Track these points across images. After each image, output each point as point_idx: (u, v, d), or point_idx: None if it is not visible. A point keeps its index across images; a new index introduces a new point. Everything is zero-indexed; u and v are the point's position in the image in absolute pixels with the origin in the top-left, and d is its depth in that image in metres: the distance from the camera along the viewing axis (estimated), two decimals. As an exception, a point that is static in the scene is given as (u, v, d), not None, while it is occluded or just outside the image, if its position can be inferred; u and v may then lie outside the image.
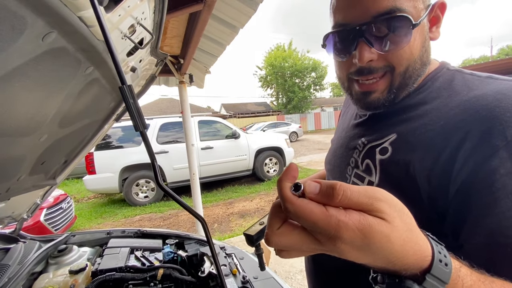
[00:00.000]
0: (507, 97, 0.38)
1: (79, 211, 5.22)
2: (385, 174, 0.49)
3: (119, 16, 0.60)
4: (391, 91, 0.49)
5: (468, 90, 0.44)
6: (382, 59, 0.47)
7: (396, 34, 0.44)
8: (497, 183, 0.35)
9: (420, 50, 0.47)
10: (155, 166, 0.37)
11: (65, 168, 1.29)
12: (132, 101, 0.33)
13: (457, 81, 0.47)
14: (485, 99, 0.40)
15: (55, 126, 0.93)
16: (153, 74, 1.24)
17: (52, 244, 1.23)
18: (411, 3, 0.44)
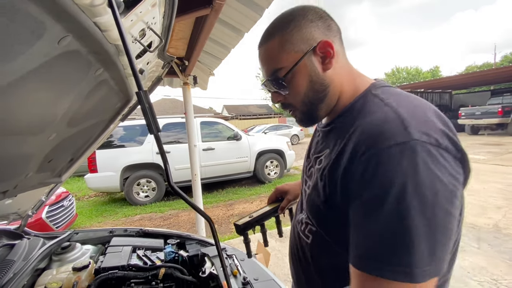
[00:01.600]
0: (374, 127, 0.48)
1: (80, 209, 5.24)
2: (317, 178, 0.60)
3: (131, 21, 0.62)
4: (306, 114, 0.64)
5: (368, 116, 0.53)
6: (286, 100, 0.63)
7: (282, 83, 0.60)
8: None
9: (307, 86, 0.59)
10: (167, 168, 0.38)
11: (71, 166, 1.31)
12: (148, 105, 0.35)
13: (368, 105, 0.56)
14: (366, 127, 0.50)
15: (64, 125, 0.95)
16: (159, 76, 1.26)
17: (56, 241, 1.25)
18: (285, 59, 0.58)
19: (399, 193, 0.41)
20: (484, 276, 2.30)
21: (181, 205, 5.12)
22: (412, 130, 0.44)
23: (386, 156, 0.43)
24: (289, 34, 0.57)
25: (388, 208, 0.42)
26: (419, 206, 0.41)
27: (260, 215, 0.91)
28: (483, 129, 13.64)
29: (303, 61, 0.57)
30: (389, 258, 0.42)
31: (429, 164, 0.42)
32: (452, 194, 0.43)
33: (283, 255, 2.82)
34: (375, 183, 0.44)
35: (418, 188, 0.41)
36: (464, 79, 15.52)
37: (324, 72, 0.58)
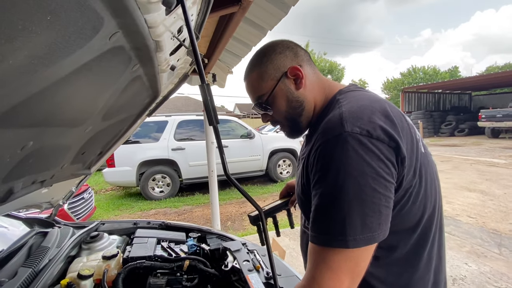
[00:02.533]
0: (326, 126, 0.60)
1: (97, 202, 5.40)
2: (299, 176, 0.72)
3: (174, 18, 0.64)
4: (292, 127, 0.77)
5: (328, 115, 0.64)
6: (273, 118, 0.77)
7: (266, 106, 0.73)
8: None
9: (286, 105, 0.72)
10: (224, 158, 0.40)
11: (100, 159, 1.36)
12: (209, 98, 0.37)
13: (330, 109, 0.67)
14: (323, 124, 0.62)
15: (99, 119, 0.99)
16: (186, 73, 1.29)
17: (85, 230, 1.30)
18: (263, 87, 0.71)
19: (334, 175, 0.52)
20: (505, 282, 2.23)
21: (194, 201, 5.20)
22: (346, 124, 0.55)
23: (325, 147, 0.56)
24: (264, 67, 0.71)
25: (325, 189, 0.54)
26: (350, 186, 0.51)
27: (272, 207, 0.99)
28: (504, 132, 13.10)
29: (278, 86, 0.70)
30: (328, 230, 0.53)
31: (359, 151, 0.52)
32: (379, 175, 0.52)
33: (298, 253, 2.82)
34: (318, 169, 0.56)
35: (348, 170, 0.51)
36: (484, 80, 14.94)
37: (297, 91, 0.71)
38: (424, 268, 0.64)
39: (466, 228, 3.33)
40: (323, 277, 0.51)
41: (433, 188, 0.64)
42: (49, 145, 0.82)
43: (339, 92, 0.71)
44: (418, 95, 17.69)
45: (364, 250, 0.51)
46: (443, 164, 7.39)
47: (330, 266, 0.52)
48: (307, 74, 0.71)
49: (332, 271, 0.51)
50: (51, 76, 0.49)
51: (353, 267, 0.51)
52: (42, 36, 0.37)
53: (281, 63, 0.70)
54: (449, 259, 2.62)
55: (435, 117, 16.26)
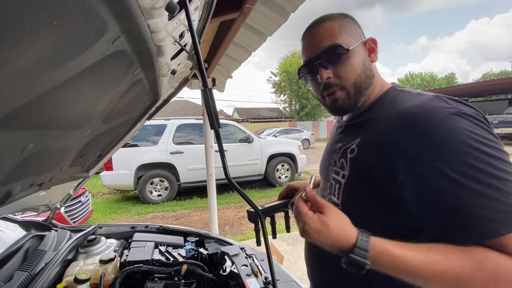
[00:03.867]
0: (416, 108, 0.55)
1: (94, 205, 5.36)
2: (352, 167, 0.66)
3: (176, 23, 0.65)
4: (350, 98, 0.67)
5: (402, 104, 0.60)
6: (336, 78, 0.66)
7: (339, 58, 0.64)
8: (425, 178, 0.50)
9: (361, 68, 0.66)
10: (225, 162, 0.40)
11: (98, 162, 1.35)
12: (211, 102, 0.37)
13: (398, 97, 0.63)
14: (408, 111, 0.56)
15: (99, 122, 0.99)
16: (187, 77, 1.30)
17: (82, 234, 1.29)
18: (344, 39, 0.64)
19: (492, 150, 0.47)
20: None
21: (192, 205, 5.17)
22: (457, 106, 0.52)
23: (454, 123, 0.49)
24: (347, 22, 0.67)
25: (500, 165, 0.46)
26: (501, 161, 0.47)
27: (271, 206, 0.93)
28: (501, 139, 13.21)
29: (358, 46, 0.65)
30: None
31: (481, 128, 0.49)
32: (502, 145, 0.50)
33: (296, 259, 2.80)
34: (455, 151, 0.47)
35: (495, 144, 0.48)
36: (481, 87, 15.13)
37: (371, 63, 0.68)
38: None
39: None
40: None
41: None
42: (49, 148, 0.83)
43: (395, 85, 0.69)
44: (416, 101, 17.79)
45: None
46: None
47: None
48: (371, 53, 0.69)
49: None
50: (54, 80, 0.49)
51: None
52: (48, 41, 0.37)
53: (360, 31, 0.69)
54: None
55: (432, 123, 16.36)
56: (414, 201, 0.52)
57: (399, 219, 0.56)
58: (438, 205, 0.49)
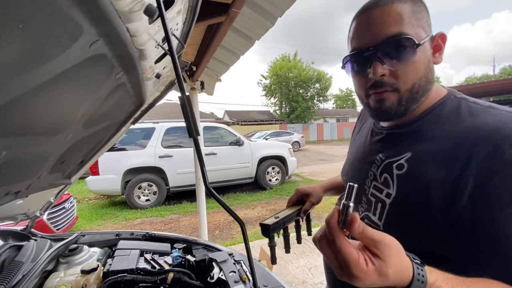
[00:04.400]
0: (506, 125, 0.46)
1: (80, 211, 5.21)
2: (402, 187, 0.56)
3: (158, 27, 0.64)
4: (401, 103, 0.55)
5: (472, 118, 0.51)
6: (392, 76, 0.54)
7: (403, 53, 0.52)
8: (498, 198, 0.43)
9: (424, 70, 0.54)
10: (204, 170, 0.39)
11: (81, 168, 1.31)
12: (189, 109, 0.36)
13: (463, 108, 0.54)
14: (487, 127, 0.47)
15: (80, 127, 0.95)
16: (172, 81, 1.28)
17: (63, 243, 1.24)
18: (414, 30, 0.52)
19: None
20: None
21: (182, 210, 5.09)
22: None
23: None
24: (419, 7, 0.53)
25: None
26: None
27: (286, 216, 0.83)
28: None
29: (427, 42, 0.53)
30: None
31: None
32: None
33: (286, 263, 2.79)
34: None
35: None
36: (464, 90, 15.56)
37: (433, 65, 0.56)
38: None
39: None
40: None
41: None
42: (25, 155, 0.79)
43: (452, 91, 0.59)
44: (403, 104, 18.21)
45: None
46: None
47: None
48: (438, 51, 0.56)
49: None
50: (25, 85, 0.47)
51: None
52: (14, 45, 0.35)
53: (429, 22, 0.55)
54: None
55: (418, 125, 16.77)
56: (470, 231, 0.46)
57: (448, 250, 0.50)
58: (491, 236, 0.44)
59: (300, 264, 2.76)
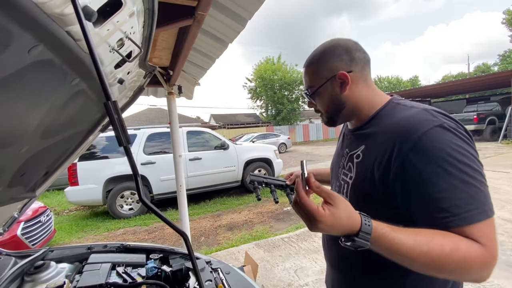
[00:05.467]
0: (413, 119, 0.65)
1: (59, 224, 4.99)
2: (358, 170, 0.76)
3: (107, 30, 0.61)
4: (329, 119, 0.86)
5: (398, 115, 0.70)
6: (318, 107, 0.86)
7: (314, 96, 0.84)
8: (413, 171, 0.61)
9: (328, 102, 0.81)
10: (138, 181, 0.37)
11: (46, 180, 1.24)
12: (117, 117, 0.34)
13: (396, 109, 0.73)
14: (403, 122, 0.66)
15: (37, 137, 0.90)
16: (141, 86, 1.24)
17: (28, 260, 1.17)
18: (316, 82, 0.80)
19: (465, 159, 0.58)
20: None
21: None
22: (441, 118, 0.63)
23: (435, 134, 0.60)
24: (319, 65, 0.79)
25: (471, 172, 0.57)
26: (474, 166, 0.58)
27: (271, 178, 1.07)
28: (461, 136, 14.20)
29: (326, 85, 0.79)
30: (477, 204, 0.56)
31: (462, 138, 0.60)
32: (478, 158, 0.61)
33: (272, 266, 2.77)
34: (442, 157, 0.58)
35: (470, 154, 0.59)
36: (442, 88, 16.28)
37: (341, 93, 0.78)
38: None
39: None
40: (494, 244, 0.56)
41: None
42: (-28, 169, 0.74)
43: (393, 98, 0.79)
44: (384, 103, 18.72)
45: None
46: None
47: (494, 234, 0.57)
48: (356, 79, 0.77)
49: (496, 242, 0.56)
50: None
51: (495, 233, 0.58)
52: None
53: (334, 66, 0.77)
54: None
55: (400, 123, 17.26)
56: (402, 195, 0.63)
57: (393, 211, 0.66)
58: (421, 197, 0.60)
59: (286, 266, 2.75)
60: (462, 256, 0.53)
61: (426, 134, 0.60)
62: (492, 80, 13.68)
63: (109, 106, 0.33)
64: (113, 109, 0.33)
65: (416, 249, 0.54)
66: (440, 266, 0.55)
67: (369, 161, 0.71)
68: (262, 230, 3.89)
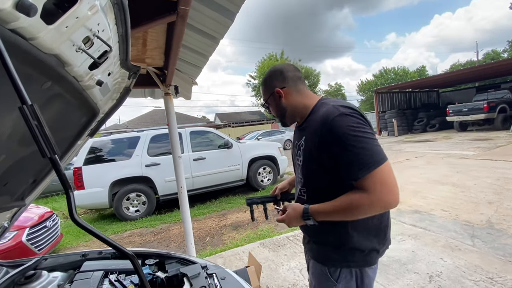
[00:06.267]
0: (329, 114, 0.94)
1: (67, 228, 5.05)
2: (303, 154, 1.07)
3: (66, 27, 0.56)
4: (282, 122, 1.19)
5: (320, 112, 1.00)
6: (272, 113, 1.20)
7: (267, 107, 1.19)
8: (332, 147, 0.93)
9: (275, 109, 1.15)
10: (71, 197, 0.32)
11: (35, 188, 1.21)
12: (36, 123, 0.29)
13: (320, 108, 1.03)
14: (322, 115, 0.97)
15: (15, 145, 0.87)
16: (127, 87, 1.19)
17: (19, 270, 1.15)
18: (265, 96, 1.16)
19: (356, 132, 0.89)
20: (479, 274, 2.26)
21: (172, 218, 4.98)
22: (341, 109, 0.94)
23: (337, 121, 0.91)
24: (264, 85, 1.15)
25: (356, 141, 0.87)
26: (367, 135, 0.89)
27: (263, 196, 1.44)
28: (471, 125, 13.85)
29: (270, 98, 1.14)
30: (373, 157, 0.87)
31: (355, 119, 0.91)
32: (370, 130, 0.92)
33: (277, 265, 2.72)
34: (340, 134, 0.89)
35: (359, 128, 0.90)
36: (450, 77, 15.85)
37: (281, 103, 1.11)
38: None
39: (440, 222, 3.40)
40: (388, 183, 0.86)
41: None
42: None
43: (321, 99, 1.09)
44: (391, 95, 18.42)
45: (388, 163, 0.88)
46: (418, 160, 7.65)
47: (385, 177, 0.86)
48: (290, 91, 1.10)
49: (388, 181, 0.87)
50: None
51: (392, 174, 0.88)
52: None
53: (273, 85, 1.11)
54: (425, 255, 2.64)
55: (407, 115, 16.96)
56: (330, 161, 0.94)
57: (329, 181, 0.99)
58: (337, 161, 0.92)
59: (291, 266, 2.69)
60: (355, 204, 0.88)
61: (333, 121, 0.91)
62: (502, 67, 13.23)
63: (24, 111, 0.28)
64: (31, 114, 0.28)
65: (333, 210, 0.93)
66: (348, 213, 0.91)
67: (308, 146, 1.02)
68: (267, 229, 3.84)
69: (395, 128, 16.03)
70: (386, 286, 2.25)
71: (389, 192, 0.85)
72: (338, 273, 1.02)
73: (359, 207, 0.87)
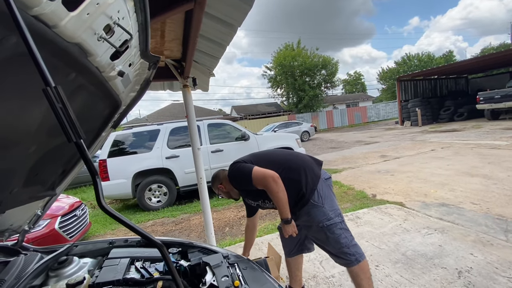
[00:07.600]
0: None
1: (95, 217, 5.33)
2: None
3: (87, 14, 0.55)
4: (231, 197, 2.05)
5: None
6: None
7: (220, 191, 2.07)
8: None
9: (224, 192, 1.96)
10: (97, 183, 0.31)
11: (64, 178, 1.27)
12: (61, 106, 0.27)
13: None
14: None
15: (43, 137, 0.89)
16: (147, 79, 1.20)
17: (52, 256, 1.21)
18: (214, 187, 2.01)
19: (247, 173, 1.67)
20: (515, 271, 2.12)
21: (192, 209, 5.11)
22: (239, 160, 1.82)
23: (235, 167, 1.78)
24: (213, 181, 1.91)
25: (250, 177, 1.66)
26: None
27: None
28: (504, 113, 12.93)
29: (219, 187, 1.87)
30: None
31: (241, 167, 1.74)
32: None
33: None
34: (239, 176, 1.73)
35: (243, 170, 1.72)
36: (480, 62, 14.79)
37: (225, 188, 1.86)
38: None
39: (469, 215, 3.22)
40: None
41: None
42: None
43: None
44: (414, 83, 17.56)
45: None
46: (444, 150, 7.28)
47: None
48: (224, 185, 1.83)
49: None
50: None
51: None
52: None
53: (218, 181, 1.84)
54: (453, 250, 2.52)
55: (432, 103, 16.12)
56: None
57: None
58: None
59: (311, 257, 2.67)
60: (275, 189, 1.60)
61: (233, 167, 1.80)
62: (541, 49, 12.14)
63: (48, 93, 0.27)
64: (55, 97, 0.27)
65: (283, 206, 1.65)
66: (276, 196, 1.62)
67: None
68: (273, 225, 3.83)
69: (419, 117, 15.30)
70: (411, 280, 2.17)
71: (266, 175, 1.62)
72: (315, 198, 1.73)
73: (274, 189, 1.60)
